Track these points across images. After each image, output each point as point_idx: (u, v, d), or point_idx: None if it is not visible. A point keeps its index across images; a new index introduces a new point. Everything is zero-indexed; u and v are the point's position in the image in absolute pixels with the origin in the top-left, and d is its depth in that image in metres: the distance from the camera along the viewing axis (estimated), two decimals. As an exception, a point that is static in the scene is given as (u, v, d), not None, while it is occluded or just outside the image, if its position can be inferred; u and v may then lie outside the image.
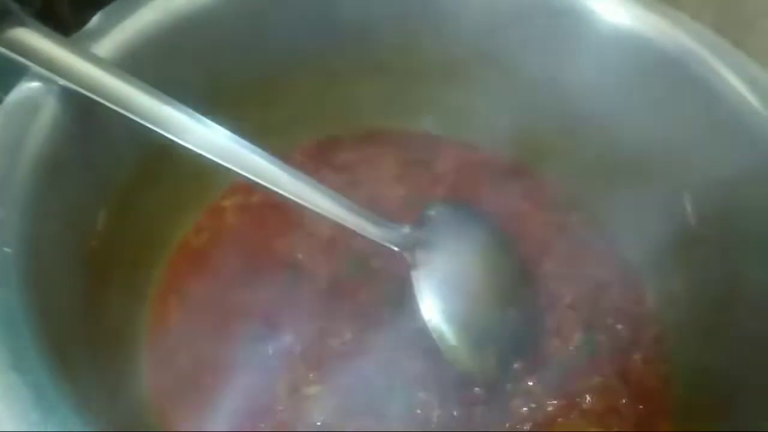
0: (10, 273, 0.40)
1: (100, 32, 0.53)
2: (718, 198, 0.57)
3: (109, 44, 0.54)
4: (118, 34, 0.55)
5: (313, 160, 0.72)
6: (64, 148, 0.49)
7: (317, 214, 0.53)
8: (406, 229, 0.57)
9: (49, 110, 0.49)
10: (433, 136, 0.74)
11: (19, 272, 0.40)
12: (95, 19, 0.54)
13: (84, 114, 0.50)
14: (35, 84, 0.49)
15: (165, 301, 0.62)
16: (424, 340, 0.55)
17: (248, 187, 0.69)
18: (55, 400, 0.35)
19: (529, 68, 0.66)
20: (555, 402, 0.58)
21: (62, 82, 0.48)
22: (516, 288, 0.60)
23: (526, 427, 0.57)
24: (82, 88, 0.48)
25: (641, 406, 0.59)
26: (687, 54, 0.57)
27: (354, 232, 0.54)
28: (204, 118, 0.50)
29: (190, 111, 0.50)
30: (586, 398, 0.58)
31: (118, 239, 0.56)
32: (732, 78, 0.56)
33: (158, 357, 0.58)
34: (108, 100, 0.48)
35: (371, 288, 0.62)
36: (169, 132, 0.49)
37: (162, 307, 0.62)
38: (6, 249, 0.40)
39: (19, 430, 0.33)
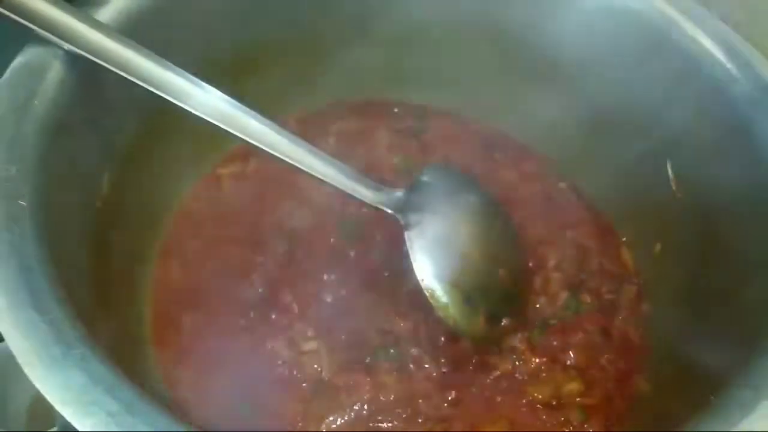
0: (25, 224, 0.42)
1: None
2: (697, 162, 0.60)
3: (110, 10, 0.55)
4: (119, 1, 0.56)
5: (307, 129, 0.74)
6: (69, 110, 0.51)
7: (312, 177, 0.55)
8: (399, 193, 0.59)
9: (55, 73, 0.50)
10: (424, 107, 0.76)
11: (33, 224, 0.42)
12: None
13: (87, 78, 0.52)
14: (40, 48, 0.50)
15: (166, 263, 0.65)
16: (416, 298, 0.58)
17: (245, 155, 0.71)
18: (73, 337, 0.37)
19: (512, 32, 0.69)
20: (539, 359, 0.61)
21: (67, 46, 0.50)
22: (505, 249, 0.63)
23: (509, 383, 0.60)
24: (86, 52, 0.50)
25: (622, 363, 0.62)
26: (667, 21, 0.60)
27: (349, 195, 0.57)
28: (203, 83, 0.52)
29: (190, 75, 0.52)
30: (569, 354, 0.61)
31: (121, 202, 0.58)
32: (712, 47, 0.58)
33: (160, 311, 0.61)
34: (111, 64, 0.50)
35: (365, 250, 0.65)
36: (169, 95, 0.51)
37: (163, 268, 0.64)
38: (21, 202, 0.42)
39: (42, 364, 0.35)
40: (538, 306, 0.63)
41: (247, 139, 0.53)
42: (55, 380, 0.35)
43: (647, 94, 0.63)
